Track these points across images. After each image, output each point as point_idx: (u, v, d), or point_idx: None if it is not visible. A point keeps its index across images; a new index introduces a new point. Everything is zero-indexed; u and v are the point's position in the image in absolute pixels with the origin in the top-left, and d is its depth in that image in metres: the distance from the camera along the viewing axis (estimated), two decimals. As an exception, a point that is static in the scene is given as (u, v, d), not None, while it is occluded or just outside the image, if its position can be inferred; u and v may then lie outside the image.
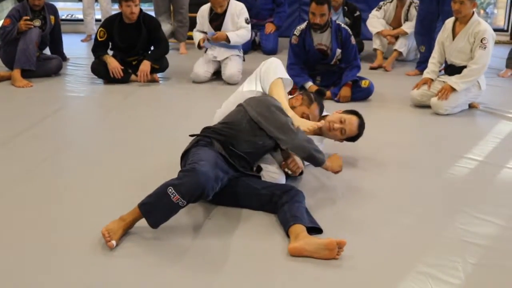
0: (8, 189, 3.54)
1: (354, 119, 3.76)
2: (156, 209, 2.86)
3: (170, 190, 2.80)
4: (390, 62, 6.89)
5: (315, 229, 2.96)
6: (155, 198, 2.85)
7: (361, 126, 3.81)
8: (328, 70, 5.61)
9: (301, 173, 3.60)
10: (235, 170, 3.24)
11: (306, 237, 2.80)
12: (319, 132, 3.71)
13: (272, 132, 3.29)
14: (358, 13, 7.22)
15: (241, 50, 6.43)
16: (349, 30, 5.55)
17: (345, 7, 7.16)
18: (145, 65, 6.00)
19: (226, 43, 6.17)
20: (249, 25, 6.30)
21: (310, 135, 3.47)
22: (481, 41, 4.99)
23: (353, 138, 3.83)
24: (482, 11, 10.27)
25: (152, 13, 7.24)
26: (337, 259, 2.72)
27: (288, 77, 3.83)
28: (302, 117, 3.59)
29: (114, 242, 2.79)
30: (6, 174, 3.76)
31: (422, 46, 6.55)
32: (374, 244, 2.92)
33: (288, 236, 2.90)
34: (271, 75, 3.71)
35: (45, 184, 3.58)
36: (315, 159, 3.33)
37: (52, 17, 6.63)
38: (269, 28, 7.69)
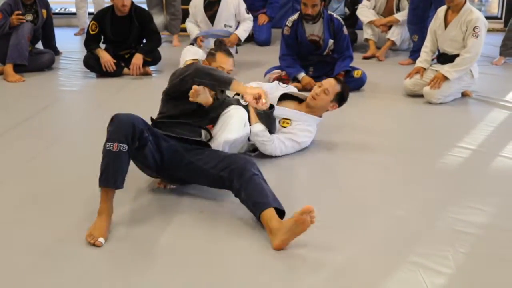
0: (3, 183, 3.54)
1: (329, 79, 4.05)
2: (110, 171, 2.85)
3: (107, 145, 2.86)
4: (383, 52, 6.89)
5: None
6: (104, 164, 2.87)
7: (340, 82, 4.03)
8: (321, 61, 5.61)
9: (271, 107, 3.69)
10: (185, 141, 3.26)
11: (278, 228, 2.77)
12: (309, 110, 3.93)
13: (177, 80, 3.36)
14: (359, 5, 7.23)
15: (233, 42, 6.44)
16: (342, 20, 5.54)
17: None
18: (138, 58, 5.99)
19: (222, 34, 6.19)
20: (250, 15, 6.38)
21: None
22: (474, 29, 4.99)
23: (341, 97, 3.99)
24: (476, -1, 10.27)
25: (144, 6, 7.21)
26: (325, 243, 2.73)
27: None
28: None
29: (101, 240, 2.76)
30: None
31: (415, 36, 6.54)
32: (364, 233, 2.92)
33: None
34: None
35: (37, 178, 3.57)
36: (219, 79, 3.22)
37: (44, 11, 6.60)
38: (262, 19, 7.68)
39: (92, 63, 6.11)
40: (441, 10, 5.24)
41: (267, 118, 3.77)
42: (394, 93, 5.41)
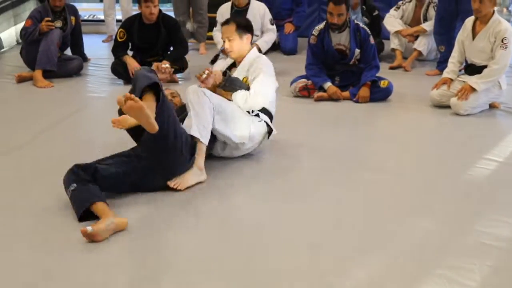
0: (29, 188, 3.59)
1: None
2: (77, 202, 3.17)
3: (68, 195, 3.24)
4: (410, 62, 6.85)
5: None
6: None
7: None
8: (347, 70, 5.59)
9: (225, 73, 4.10)
10: None
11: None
12: (239, 60, 4.20)
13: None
14: (376, 12, 7.19)
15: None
16: (368, 30, 5.53)
17: (363, 6, 7.13)
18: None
19: None
20: (274, 26, 6.36)
21: None
22: (502, 41, 4.95)
23: (240, 26, 4.14)
24: (505, 10, 10.16)
25: (172, 14, 7.27)
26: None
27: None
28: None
29: (89, 227, 2.88)
30: (27, 173, 3.82)
31: (442, 46, 6.50)
32: (390, 245, 2.91)
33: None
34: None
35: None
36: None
37: (72, 18, 6.70)
38: (288, 28, 7.68)
39: (119, 70, 6.17)
40: (469, 20, 5.21)
41: (231, 85, 4.00)
42: (420, 103, 5.38)
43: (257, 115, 3.96)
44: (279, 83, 5.91)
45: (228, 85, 4.00)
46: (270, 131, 4.01)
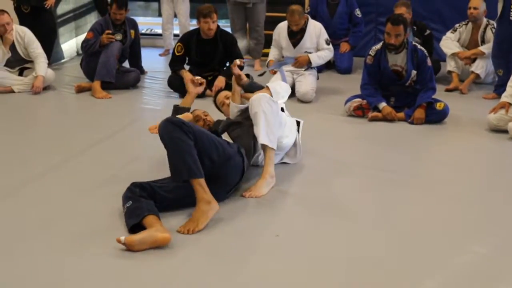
0: (85, 195, 3.68)
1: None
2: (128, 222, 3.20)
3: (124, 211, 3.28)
4: (466, 85, 6.76)
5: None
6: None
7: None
8: (403, 91, 5.55)
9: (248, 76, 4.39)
10: None
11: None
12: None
13: None
14: (428, 31, 7.11)
15: (315, 68, 6.46)
16: (425, 51, 5.49)
17: (414, 27, 7.08)
18: (220, 81, 6.08)
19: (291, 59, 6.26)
20: (331, 46, 6.35)
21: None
22: None
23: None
24: None
25: (229, 30, 7.36)
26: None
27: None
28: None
29: (122, 238, 2.95)
30: (82, 183, 3.91)
31: (500, 70, 6.38)
32: (444, 270, 2.87)
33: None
34: None
35: (119, 192, 3.67)
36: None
37: (132, 31, 6.85)
38: (344, 47, 7.68)
39: (176, 83, 6.27)
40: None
41: (252, 84, 4.27)
42: (477, 127, 5.29)
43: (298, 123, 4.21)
44: (334, 102, 6.00)
45: (249, 86, 4.23)
46: None
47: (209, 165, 3.35)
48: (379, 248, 3.08)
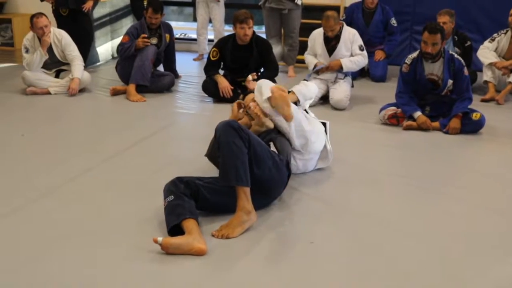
0: (118, 198, 3.71)
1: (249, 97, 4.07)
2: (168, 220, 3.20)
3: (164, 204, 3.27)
4: (503, 95, 6.66)
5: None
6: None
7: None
8: (438, 101, 5.50)
9: None
10: None
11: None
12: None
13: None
14: (469, 43, 7.03)
15: (350, 75, 6.43)
16: (462, 61, 5.43)
17: (455, 37, 7.00)
18: (253, 85, 6.09)
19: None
20: (365, 52, 6.30)
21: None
22: None
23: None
24: None
25: (263, 35, 7.36)
26: None
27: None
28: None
29: (159, 238, 2.98)
30: (115, 185, 3.95)
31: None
32: (487, 284, 2.83)
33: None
34: None
35: (153, 195, 3.70)
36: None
37: (167, 36, 6.89)
38: (379, 55, 7.64)
39: (210, 88, 6.30)
40: None
41: None
42: (513, 138, 5.24)
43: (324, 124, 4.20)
44: (368, 110, 5.97)
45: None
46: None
47: (257, 174, 3.35)
48: (417, 259, 3.05)
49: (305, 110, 4.22)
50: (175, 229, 3.13)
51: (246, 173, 3.24)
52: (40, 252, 3.01)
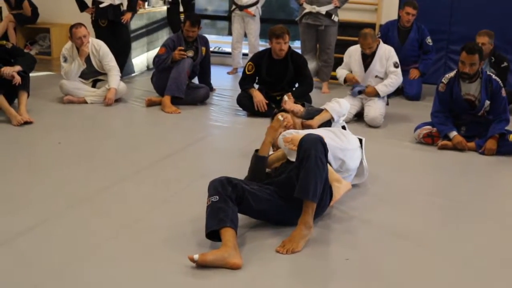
0: (150, 210, 3.74)
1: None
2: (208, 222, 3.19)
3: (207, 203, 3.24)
4: (540, 118, 6.58)
5: None
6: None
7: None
8: (474, 121, 5.45)
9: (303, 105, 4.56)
10: None
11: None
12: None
13: None
14: (505, 63, 6.96)
15: (385, 93, 6.42)
16: (500, 82, 5.38)
17: (492, 57, 6.94)
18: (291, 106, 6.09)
19: (360, 89, 6.23)
20: (399, 69, 6.26)
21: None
22: None
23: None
24: None
25: (299, 51, 7.38)
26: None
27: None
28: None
29: (196, 256, 2.96)
30: (149, 197, 3.99)
31: None
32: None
33: None
34: None
35: (184, 208, 3.72)
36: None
37: (203, 49, 6.94)
38: (414, 74, 7.60)
39: (245, 102, 6.33)
40: None
41: (310, 113, 4.41)
42: (550, 161, 5.16)
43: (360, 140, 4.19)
44: (402, 128, 5.94)
45: (307, 114, 4.39)
46: None
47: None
48: (453, 279, 3.03)
49: (343, 126, 4.23)
50: (212, 232, 3.14)
51: (320, 190, 3.28)
52: (72, 262, 3.04)
